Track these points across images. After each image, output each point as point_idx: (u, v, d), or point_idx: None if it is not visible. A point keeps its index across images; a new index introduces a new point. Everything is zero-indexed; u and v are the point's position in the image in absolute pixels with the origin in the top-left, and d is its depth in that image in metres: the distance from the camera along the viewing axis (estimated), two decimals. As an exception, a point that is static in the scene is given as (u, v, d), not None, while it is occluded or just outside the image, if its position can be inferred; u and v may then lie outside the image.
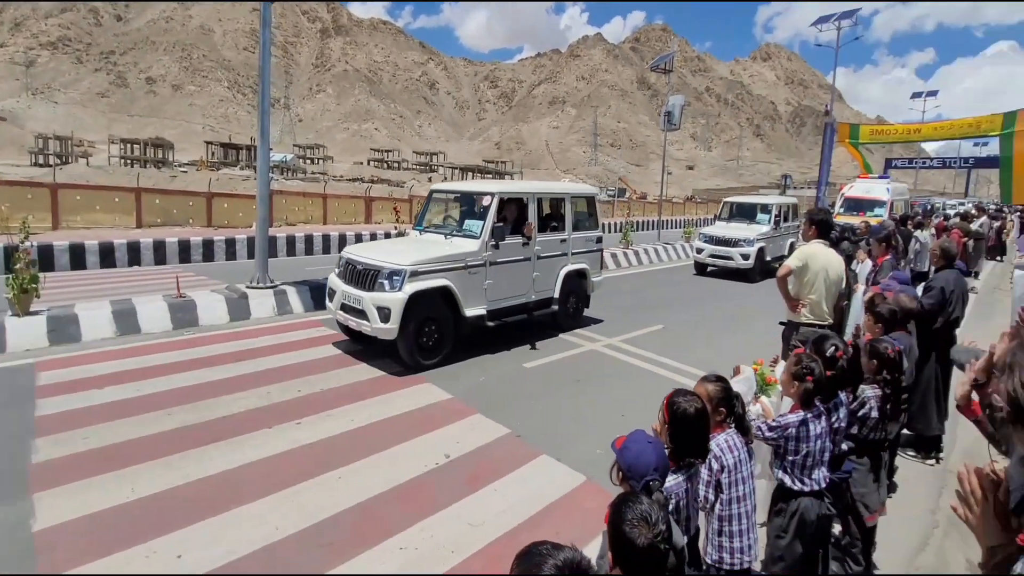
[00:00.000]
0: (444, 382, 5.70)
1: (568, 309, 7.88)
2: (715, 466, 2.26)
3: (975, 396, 1.90)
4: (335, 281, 6.44)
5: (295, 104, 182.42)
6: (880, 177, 19.93)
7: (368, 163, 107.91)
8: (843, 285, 5.12)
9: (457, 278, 6.21)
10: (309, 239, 15.39)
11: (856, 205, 17.36)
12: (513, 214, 7.17)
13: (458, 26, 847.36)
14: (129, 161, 64.15)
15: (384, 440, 4.37)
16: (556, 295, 7.46)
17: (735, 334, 8.20)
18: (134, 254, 12.10)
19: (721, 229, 13.70)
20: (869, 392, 2.91)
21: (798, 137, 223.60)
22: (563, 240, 7.60)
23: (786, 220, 14.50)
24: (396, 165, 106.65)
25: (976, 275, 13.58)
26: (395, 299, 5.68)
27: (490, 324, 6.56)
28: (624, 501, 1.46)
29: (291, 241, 14.82)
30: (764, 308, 9.57)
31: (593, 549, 1.84)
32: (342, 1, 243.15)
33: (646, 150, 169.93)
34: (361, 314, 5.93)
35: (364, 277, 6.02)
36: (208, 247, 13.05)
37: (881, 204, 17.08)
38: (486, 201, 6.71)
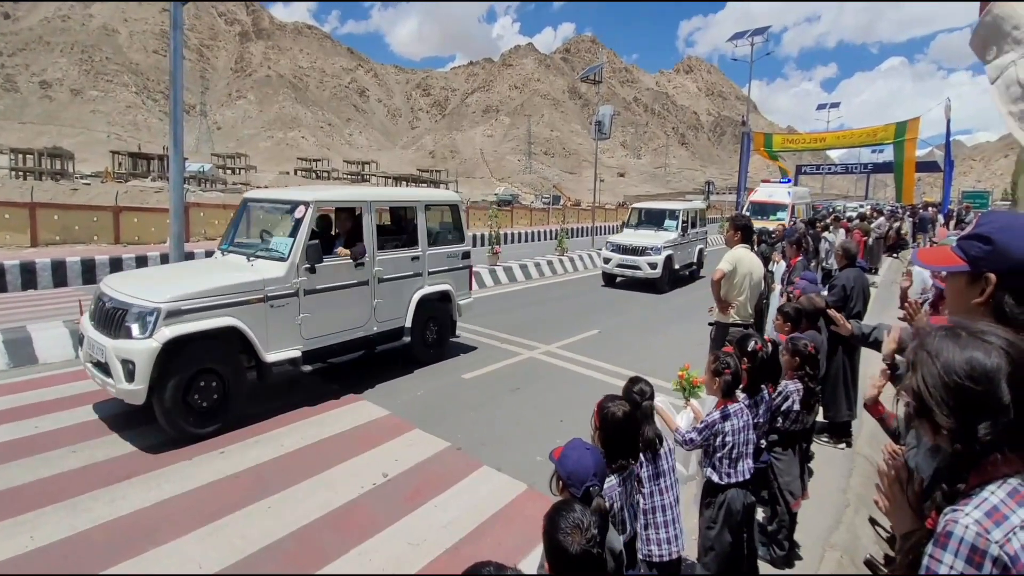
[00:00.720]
0: (380, 398, 5.55)
1: (428, 339, 6.70)
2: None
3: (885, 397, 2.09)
4: (85, 323, 4.87)
5: (212, 111, 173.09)
6: (782, 181, 20.55)
7: (295, 172, 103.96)
8: (763, 286, 5.47)
9: (252, 314, 4.74)
10: (233, 254, 14.50)
11: (761, 209, 17.68)
12: (347, 227, 6.02)
13: (388, 32, 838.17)
14: (21, 173, 57.89)
15: (318, 463, 4.19)
16: (408, 324, 6.27)
17: (667, 335, 8.54)
18: (28, 276, 10.95)
19: (628, 237, 13.02)
20: (791, 387, 3.11)
21: (719, 145, 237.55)
22: (415, 258, 6.39)
23: (694, 226, 14.11)
24: (326, 175, 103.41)
25: (876, 271, 14.92)
26: (142, 349, 4.16)
27: (307, 369, 5.24)
28: (557, 510, 1.48)
29: (210, 256, 13.95)
30: (695, 309, 10.04)
31: (535, 557, 1.85)
32: (263, 1, 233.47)
33: (579, 158, 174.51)
34: (105, 369, 4.37)
35: (111, 318, 4.45)
36: (116, 266, 12.04)
37: (783, 208, 17.58)
38: (298, 213, 5.30)
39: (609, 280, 12.96)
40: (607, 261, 12.74)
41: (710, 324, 5.49)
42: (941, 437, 0.98)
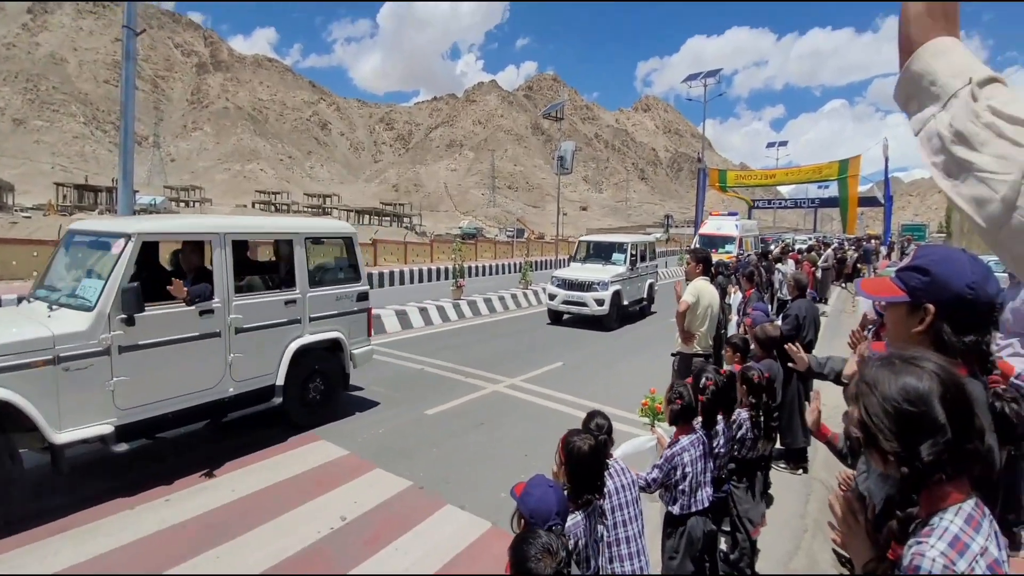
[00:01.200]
0: (340, 437, 5.37)
1: (311, 397, 5.62)
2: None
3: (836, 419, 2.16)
4: None
5: (167, 142, 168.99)
6: (729, 214, 20.77)
7: (253, 205, 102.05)
8: (720, 316, 5.64)
9: (35, 381, 3.66)
10: (185, 288, 13.88)
11: (710, 242, 17.71)
12: (193, 264, 5.00)
13: (351, 67, 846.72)
14: (-45, 205, 54.62)
15: (272, 508, 3.99)
16: (280, 381, 5.20)
17: (631, 366, 8.64)
18: (-42, 313, 10.22)
19: (575, 271, 12.27)
20: (743, 415, 3.19)
21: (677, 180, 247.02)
22: (290, 301, 5.35)
23: (643, 260, 13.40)
24: (285, 208, 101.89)
25: (826, 300, 15.60)
26: None
27: (121, 450, 4.08)
28: (523, 540, 1.48)
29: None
30: (659, 340, 10.23)
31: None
32: (217, 29, 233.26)
33: (542, 192, 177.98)
34: None
35: None
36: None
37: (732, 240, 17.85)
38: (115, 247, 4.27)
39: (555, 318, 12.22)
40: (552, 297, 11.98)
41: (673, 355, 5.59)
42: (890, 464, 1.01)
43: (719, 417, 2.86)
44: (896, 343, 1.48)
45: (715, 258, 15.55)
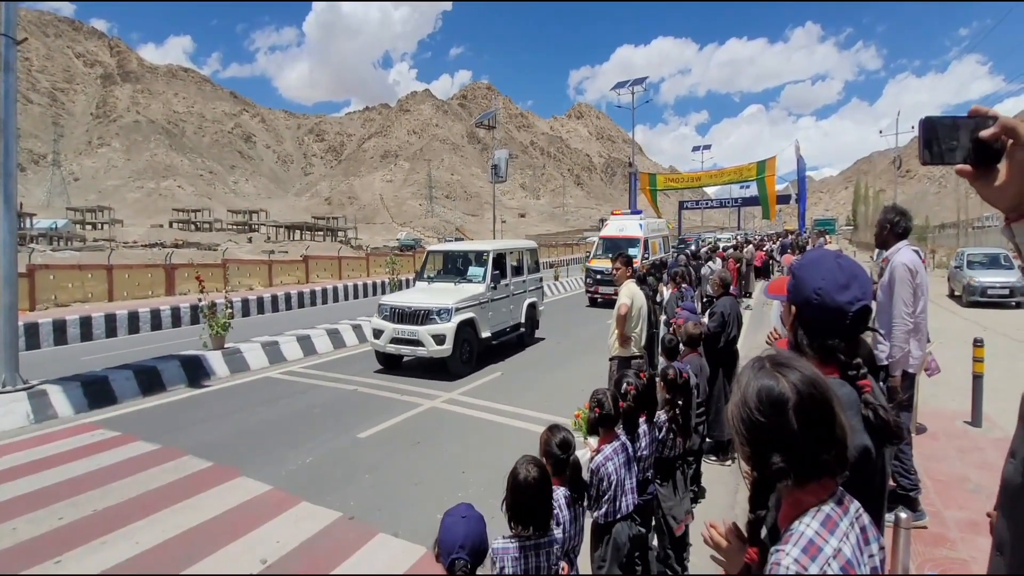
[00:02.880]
0: (262, 470, 5.01)
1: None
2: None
3: None
4: None
5: (68, 160, 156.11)
6: (632, 212, 19.02)
7: (171, 225, 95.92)
8: (650, 317, 5.76)
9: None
10: (87, 322, 12.60)
11: (613, 245, 16.21)
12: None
13: (276, 76, 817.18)
14: None
15: (181, 559, 3.62)
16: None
17: (570, 371, 8.68)
18: None
19: (409, 296, 9.30)
20: (663, 416, 3.21)
21: (611, 185, 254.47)
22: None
23: (517, 273, 10.40)
24: (207, 226, 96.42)
25: (750, 295, 16.44)
26: None
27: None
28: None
29: (60, 326, 12.07)
30: (590, 346, 10.34)
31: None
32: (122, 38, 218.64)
33: (480, 200, 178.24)
34: None
35: None
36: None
37: (635, 242, 16.15)
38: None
39: (387, 362, 8.94)
40: (378, 335, 8.61)
41: (610, 359, 5.64)
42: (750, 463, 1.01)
43: (641, 420, 2.86)
44: (790, 341, 1.52)
45: (598, 265, 15.14)
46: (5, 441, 5.84)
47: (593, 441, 3.27)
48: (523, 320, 10.50)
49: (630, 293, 5.28)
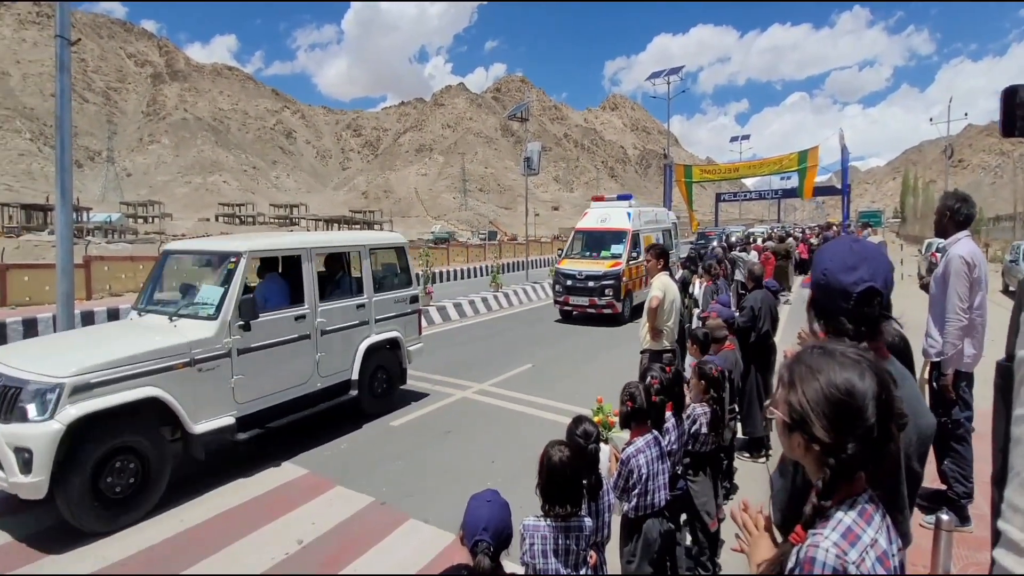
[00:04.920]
0: (299, 455, 5.19)
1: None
2: None
3: None
4: None
5: (122, 157, 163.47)
6: (620, 198, 14.18)
7: (217, 219, 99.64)
8: (682, 310, 5.68)
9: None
10: (141, 309, 13.28)
11: (593, 240, 13.04)
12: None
13: (316, 73, 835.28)
14: None
15: (223, 537, 3.81)
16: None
17: (600, 365, 8.64)
18: None
19: (28, 349, 4.81)
20: (699, 410, 3.17)
21: (646, 177, 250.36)
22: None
23: (352, 291, 6.17)
24: (251, 220, 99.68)
25: (789, 289, 15.95)
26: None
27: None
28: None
29: (114, 314, 12.68)
30: (624, 339, 10.26)
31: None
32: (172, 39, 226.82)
33: (514, 193, 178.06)
34: None
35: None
36: None
37: (621, 237, 12.34)
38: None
39: None
40: None
41: (642, 352, 5.59)
42: (810, 453, 1.01)
43: (668, 414, 2.84)
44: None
45: (587, 267, 11.78)
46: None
47: (612, 441, 3.27)
48: (355, 374, 5.91)
49: (663, 285, 5.21)
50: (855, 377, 0.97)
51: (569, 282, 11.98)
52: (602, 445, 3.17)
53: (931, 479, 3.71)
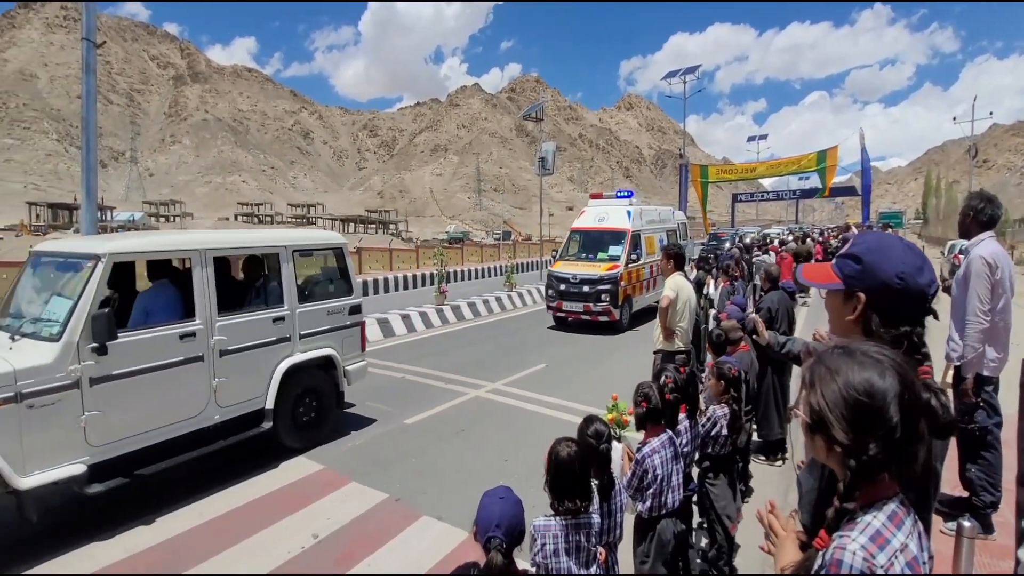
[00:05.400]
0: (315, 451, 5.26)
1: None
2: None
3: None
4: None
5: (145, 157, 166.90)
6: (619, 196, 13.27)
7: (236, 218, 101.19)
8: (697, 311, 5.64)
9: None
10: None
11: (590, 241, 12.22)
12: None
13: (333, 74, 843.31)
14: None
15: (241, 530, 3.88)
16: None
17: (613, 365, 8.60)
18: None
19: None
20: (719, 412, 3.15)
21: (661, 177, 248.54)
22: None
23: (269, 300, 5.21)
24: (269, 219, 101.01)
25: (807, 291, 15.70)
26: None
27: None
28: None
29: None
30: (638, 339, 10.21)
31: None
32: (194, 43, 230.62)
33: (528, 193, 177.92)
34: None
35: None
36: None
37: (620, 237, 11.53)
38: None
39: None
40: None
41: (655, 352, 5.57)
42: (833, 454, 1.00)
43: (682, 416, 2.82)
44: (835, 331, 1.47)
45: (580, 269, 10.94)
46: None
47: (630, 434, 3.26)
48: (270, 401, 4.95)
49: (675, 286, 5.18)
50: (875, 376, 0.95)
51: (563, 286, 11.28)
52: (615, 444, 3.17)
53: (952, 486, 3.64)
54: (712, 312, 6.98)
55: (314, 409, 5.41)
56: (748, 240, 19.17)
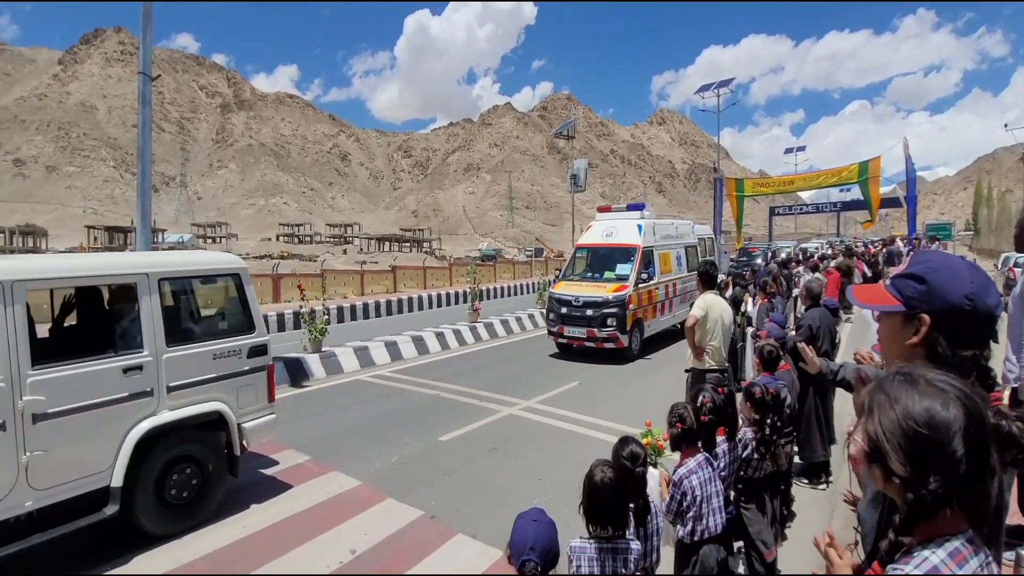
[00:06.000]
0: (352, 467, 5.37)
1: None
2: None
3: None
4: None
5: (193, 181, 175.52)
6: (630, 208, 12.00)
7: (277, 238, 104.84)
8: (733, 329, 5.55)
9: None
10: (209, 323, 14.20)
11: (598, 259, 11.13)
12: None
13: (370, 98, 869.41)
14: (-7, 252, 57.02)
15: (281, 544, 3.99)
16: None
17: (646, 384, 8.49)
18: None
19: None
20: (749, 434, 3.09)
21: (695, 192, 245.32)
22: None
23: (133, 341, 4.04)
24: (308, 239, 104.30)
25: (851, 308, 15.15)
26: None
27: None
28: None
29: None
30: (670, 357, 10.04)
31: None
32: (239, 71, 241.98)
33: (560, 210, 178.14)
34: None
35: None
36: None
37: (629, 256, 10.51)
38: None
39: None
40: None
41: (686, 371, 5.50)
42: (891, 485, 0.96)
43: (720, 438, 2.78)
44: (889, 355, 1.39)
45: (584, 291, 9.78)
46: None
47: (667, 460, 3.21)
48: (117, 478, 3.79)
49: (704, 304, 5.11)
50: (937, 406, 0.89)
51: (564, 309, 10.23)
52: (651, 468, 3.13)
53: (1010, 512, 3.45)
54: (750, 330, 6.83)
55: (191, 483, 4.19)
56: (784, 255, 18.45)
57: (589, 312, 9.95)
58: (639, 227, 11.01)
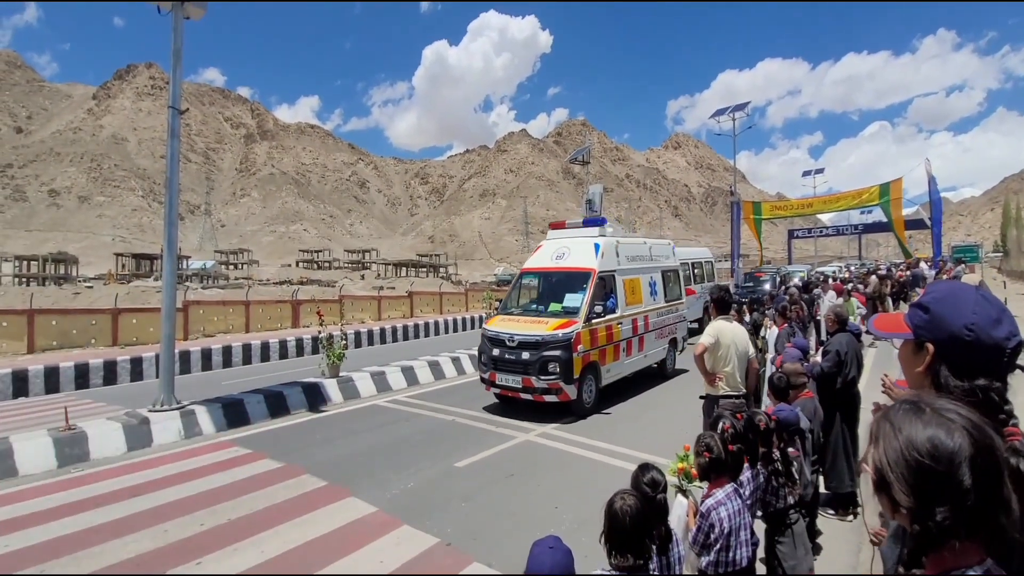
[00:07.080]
0: (369, 492, 5.34)
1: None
2: None
3: None
4: None
5: (217, 209, 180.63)
6: (589, 222, 9.82)
7: (297, 264, 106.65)
8: (751, 354, 5.45)
9: None
10: (227, 351, 14.40)
11: (546, 290, 9.16)
12: None
13: (387, 127, 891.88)
14: (25, 279, 58.71)
15: (299, 570, 3.96)
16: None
17: (665, 410, 8.34)
18: (20, 384, 10.85)
19: None
20: (759, 467, 3.01)
21: (711, 215, 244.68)
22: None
23: None
24: (327, 265, 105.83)
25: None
26: None
27: None
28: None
29: (207, 354, 13.87)
30: (686, 385, 9.88)
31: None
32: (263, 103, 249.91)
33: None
34: None
35: None
36: (110, 369, 11.99)
37: (581, 283, 8.41)
38: None
39: None
40: None
41: (701, 397, 5.41)
42: (900, 515, 0.94)
43: (744, 465, 2.71)
44: (909, 383, 1.41)
45: (528, 330, 7.63)
46: (162, 453, 6.78)
47: (690, 497, 3.13)
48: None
49: (715, 331, 5.02)
50: (940, 435, 0.88)
51: (496, 351, 8.14)
52: (680, 498, 3.05)
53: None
54: (770, 356, 6.71)
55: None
56: (795, 281, 18.17)
57: (525, 355, 7.85)
58: (596, 246, 8.88)
